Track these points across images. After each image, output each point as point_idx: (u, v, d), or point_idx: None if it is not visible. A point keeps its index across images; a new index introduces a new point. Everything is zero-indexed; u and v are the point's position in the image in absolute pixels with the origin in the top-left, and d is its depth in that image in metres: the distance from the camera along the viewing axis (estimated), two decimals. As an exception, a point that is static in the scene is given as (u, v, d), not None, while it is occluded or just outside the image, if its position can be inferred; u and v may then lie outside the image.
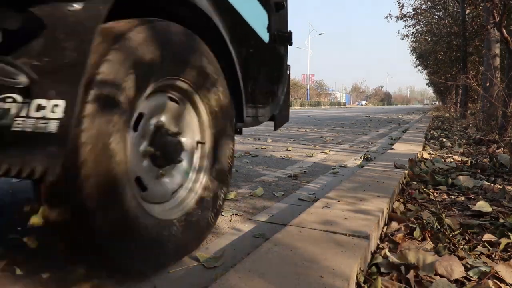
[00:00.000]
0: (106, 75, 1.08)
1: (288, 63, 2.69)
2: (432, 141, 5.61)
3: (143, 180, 1.32)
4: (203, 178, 1.60)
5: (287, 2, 2.56)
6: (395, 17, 19.49)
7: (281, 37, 2.47)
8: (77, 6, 1.05)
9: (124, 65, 1.14)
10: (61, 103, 0.96)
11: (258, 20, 2.19)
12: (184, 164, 1.55)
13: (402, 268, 1.25)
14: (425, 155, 3.97)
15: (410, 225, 1.70)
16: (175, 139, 1.45)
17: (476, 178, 2.79)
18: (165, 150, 1.39)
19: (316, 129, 8.89)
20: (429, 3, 19.09)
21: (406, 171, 2.83)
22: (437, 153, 4.28)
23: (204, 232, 1.56)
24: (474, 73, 11.99)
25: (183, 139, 1.53)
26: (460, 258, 1.36)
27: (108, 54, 1.10)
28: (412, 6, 23.23)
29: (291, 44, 2.60)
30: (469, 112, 11.96)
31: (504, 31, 5.55)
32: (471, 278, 1.24)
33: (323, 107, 48.58)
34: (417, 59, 28.23)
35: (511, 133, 5.08)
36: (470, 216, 1.94)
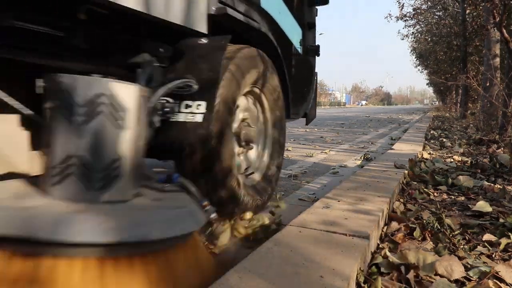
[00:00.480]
0: (227, 81, 1.64)
1: (316, 71, 3.24)
2: (432, 141, 5.61)
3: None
4: (265, 159, 2.19)
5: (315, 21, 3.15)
6: (395, 17, 19.49)
7: (312, 50, 3.02)
8: (204, 40, 1.71)
9: (235, 74, 1.70)
10: (203, 103, 1.54)
11: (296, 37, 2.74)
12: (254, 147, 2.09)
13: (402, 268, 1.25)
14: (425, 155, 3.97)
15: (410, 225, 1.70)
16: (251, 128, 1.97)
17: (476, 178, 2.79)
18: (246, 136, 1.92)
19: (316, 129, 8.88)
20: (429, 3, 19.08)
21: (406, 171, 2.83)
22: (437, 153, 4.28)
23: (267, 196, 2.08)
24: (474, 73, 11.99)
25: (254, 129, 2.02)
26: (460, 258, 1.36)
27: (228, 66, 1.66)
28: (412, 6, 23.24)
29: (318, 55, 3.11)
30: (469, 112, 11.96)
31: (504, 31, 5.55)
32: (471, 278, 1.24)
33: (323, 107, 48.55)
34: (417, 59, 28.23)
35: (511, 133, 5.08)
36: (470, 216, 1.94)
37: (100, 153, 1.05)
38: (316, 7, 3.11)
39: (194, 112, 1.53)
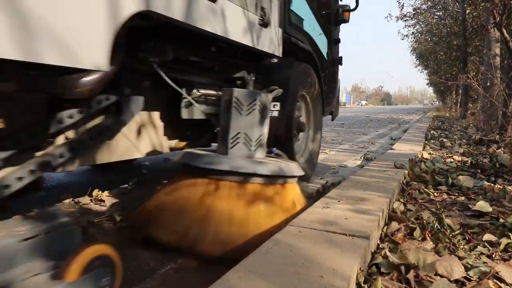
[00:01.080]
0: (292, 88, 2.54)
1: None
2: (432, 141, 5.61)
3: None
4: (309, 144, 3.05)
5: None
6: (395, 17, 19.51)
7: (336, 60, 3.93)
8: (275, 60, 2.58)
9: (297, 83, 2.62)
10: (278, 104, 2.45)
11: (327, 51, 3.59)
12: (303, 135, 2.99)
13: (402, 268, 1.25)
14: (425, 155, 3.97)
15: (410, 225, 1.70)
16: (302, 121, 2.84)
17: (476, 178, 2.79)
18: (299, 127, 2.74)
19: (316, 129, 8.86)
20: (429, 3, 19.09)
21: (406, 171, 2.82)
22: (437, 153, 4.28)
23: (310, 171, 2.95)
24: (474, 73, 11.98)
25: (304, 122, 2.89)
26: (460, 258, 1.36)
27: (293, 77, 2.57)
28: (412, 6, 23.22)
29: (341, 64, 4.04)
30: (469, 112, 11.96)
31: (504, 31, 5.55)
32: (471, 278, 1.24)
33: (323, 107, 48.37)
34: (417, 59, 28.23)
35: (511, 133, 5.07)
36: (470, 216, 1.94)
37: (254, 131, 1.83)
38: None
39: (274, 110, 2.43)
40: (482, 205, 1.98)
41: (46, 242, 1.03)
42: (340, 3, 3.89)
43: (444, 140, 5.69)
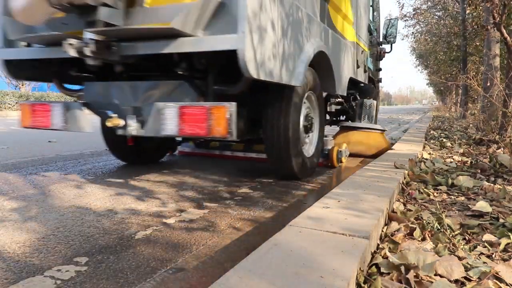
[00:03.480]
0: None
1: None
2: (432, 141, 5.61)
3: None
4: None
5: None
6: (395, 17, 19.44)
7: (379, 80, 7.06)
8: (363, 84, 5.49)
9: (371, 93, 5.62)
10: (374, 102, 5.52)
11: (376, 76, 6.80)
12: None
13: (402, 268, 1.25)
14: (425, 155, 3.97)
15: (410, 225, 1.70)
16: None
17: (476, 178, 2.79)
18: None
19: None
20: (429, 3, 19.08)
21: (406, 171, 2.82)
22: (437, 153, 4.28)
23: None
24: (474, 73, 11.97)
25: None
26: (460, 258, 1.36)
27: (370, 90, 5.63)
28: (412, 6, 23.20)
29: (381, 82, 7.35)
30: (469, 112, 11.94)
31: (504, 31, 5.54)
32: (471, 278, 1.24)
33: (323, 107, 48.41)
34: (417, 59, 28.22)
35: (511, 133, 5.07)
36: (470, 216, 1.93)
37: (370, 114, 5.09)
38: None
39: (372, 105, 5.27)
40: (482, 205, 1.98)
41: None
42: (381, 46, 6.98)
43: (444, 140, 5.69)
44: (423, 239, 1.59)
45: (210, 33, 2.21)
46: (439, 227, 1.68)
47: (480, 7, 8.45)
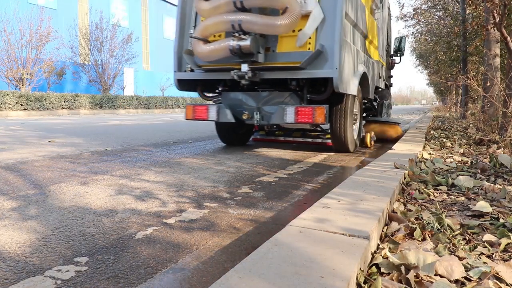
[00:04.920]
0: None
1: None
2: (432, 141, 5.60)
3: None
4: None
5: None
6: (395, 17, 19.48)
7: (391, 85, 9.15)
8: (381, 88, 7.43)
9: (387, 96, 8.12)
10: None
11: (389, 82, 8.86)
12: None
13: (402, 268, 1.25)
14: (425, 155, 3.96)
15: (410, 225, 1.70)
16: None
17: (476, 178, 2.79)
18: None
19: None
20: (429, 3, 19.06)
21: (406, 171, 2.82)
22: (437, 153, 4.28)
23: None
24: (474, 73, 11.97)
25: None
26: (460, 258, 1.36)
27: (386, 94, 8.02)
28: (412, 6, 23.19)
29: (392, 86, 9.41)
30: (469, 112, 11.94)
31: (504, 31, 5.54)
32: (472, 278, 1.24)
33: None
34: (417, 59, 28.21)
35: (511, 133, 5.07)
36: (470, 216, 1.93)
37: (388, 112, 8.00)
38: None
39: (390, 105, 8.40)
40: (482, 205, 1.98)
41: None
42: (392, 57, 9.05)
43: (444, 140, 5.69)
44: (423, 239, 1.59)
45: (312, 67, 4.06)
46: (439, 227, 1.68)
47: (480, 7, 8.45)
